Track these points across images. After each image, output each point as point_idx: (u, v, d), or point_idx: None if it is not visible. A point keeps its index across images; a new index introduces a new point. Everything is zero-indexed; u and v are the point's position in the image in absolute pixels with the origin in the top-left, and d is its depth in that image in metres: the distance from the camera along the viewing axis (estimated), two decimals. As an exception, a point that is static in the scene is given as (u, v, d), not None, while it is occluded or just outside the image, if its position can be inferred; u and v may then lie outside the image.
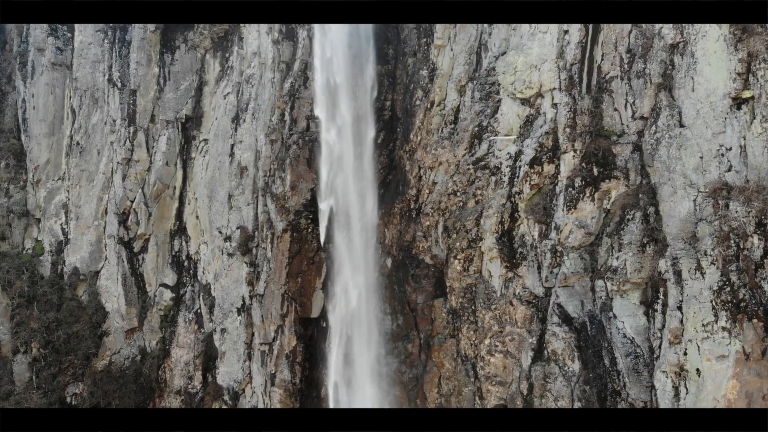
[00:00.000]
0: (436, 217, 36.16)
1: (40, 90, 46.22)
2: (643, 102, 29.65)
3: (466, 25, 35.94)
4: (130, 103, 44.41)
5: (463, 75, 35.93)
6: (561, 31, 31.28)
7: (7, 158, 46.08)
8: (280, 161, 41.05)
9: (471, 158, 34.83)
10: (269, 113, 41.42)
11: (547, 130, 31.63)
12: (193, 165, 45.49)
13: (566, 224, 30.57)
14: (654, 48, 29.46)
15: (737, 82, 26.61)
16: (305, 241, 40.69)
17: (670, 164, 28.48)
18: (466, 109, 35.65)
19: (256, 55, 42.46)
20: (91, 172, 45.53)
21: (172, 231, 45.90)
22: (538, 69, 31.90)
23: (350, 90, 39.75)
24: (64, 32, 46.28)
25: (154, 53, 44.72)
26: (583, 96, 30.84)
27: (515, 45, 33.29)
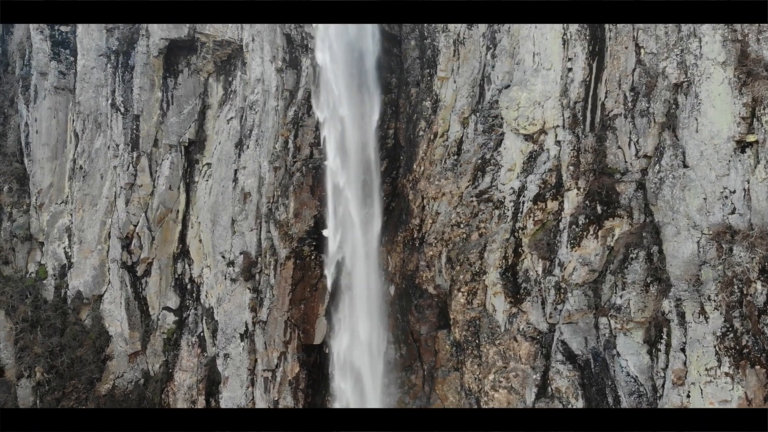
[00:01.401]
0: (440, 248, 36.28)
1: (42, 114, 46.23)
2: (646, 141, 29.79)
3: (469, 57, 36.05)
4: (133, 129, 44.45)
5: (466, 107, 36.03)
6: (565, 69, 31.40)
7: (10, 182, 46.07)
8: (283, 188, 41.16)
9: (474, 190, 34.95)
10: (273, 140, 41.50)
11: (551, 167, 31.76)
12: (196, 189, 45.53)
13: (570, 261, 30.72)
14: (658, 87, 29.58)
15: (741, 126, 26.77)
16: (308, 268, 40.83)
17: (674, 204, 28.63)
18: (469, 141, 35.76)
19: (260, 82, 42.52)
20: (95, 197, 45.56)
21: (175, 254, 45.94)
22: (541, 106, 32.01)
23: (353, 118, 39.82)
24: (67, 56, 46.25)
25: (157, 78, 44.72)
26: (586, 134, 30.96)
27: (518, 80, 33.39)
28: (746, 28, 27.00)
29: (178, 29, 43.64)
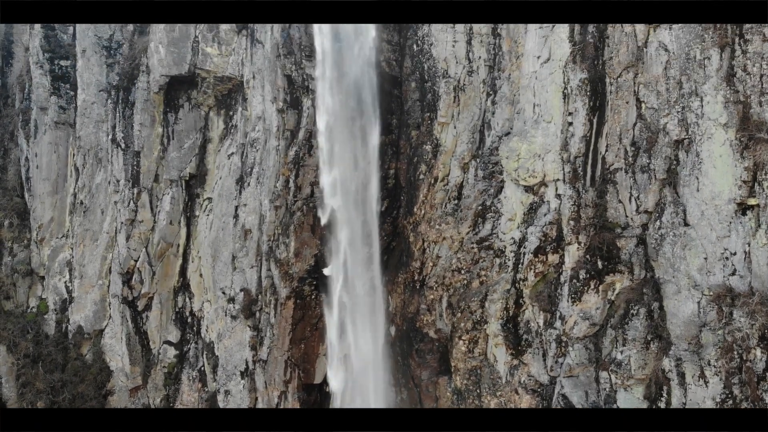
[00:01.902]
0: (440, 292, 36.33)
1: (43, 149, 46.26)
2: (647, 197, 29.79)
3: (469, 103, 36.10)
4: (133, 165, 44.46)
5: (466, 153, 36.06)
6: (565, 122, 31.39)
7: (10, 217, 46.14)
8: (284, 227, 41.16)
9: (475, 237, 34.97)
10: (274, 179, 41.49)
11: (551, 220, 31.78)
12: (197, 223, 45.58)
13: (571, 316, 30.77)
14: (659, 143, 29.57)
15: (743, 189, 26.78)
16: (309, 307, 40.92)
17: (675, 262, 28.66)
18: (470, 186, 35.79)
19: (261, 120, 42.49)
20: (95, 232, 45.61)
21: (175, 288, 46.04)
22: (541, 158, 32.01)
23: (353, 158, 39.81)
24: (67, 90, 46.27)
25: (157, 113, 44.71)
26: (587, 189, 30.97)
27: (519, 130, 33.39)
28: (748, 89, 26.94)
29: (178, 66, 43.65)
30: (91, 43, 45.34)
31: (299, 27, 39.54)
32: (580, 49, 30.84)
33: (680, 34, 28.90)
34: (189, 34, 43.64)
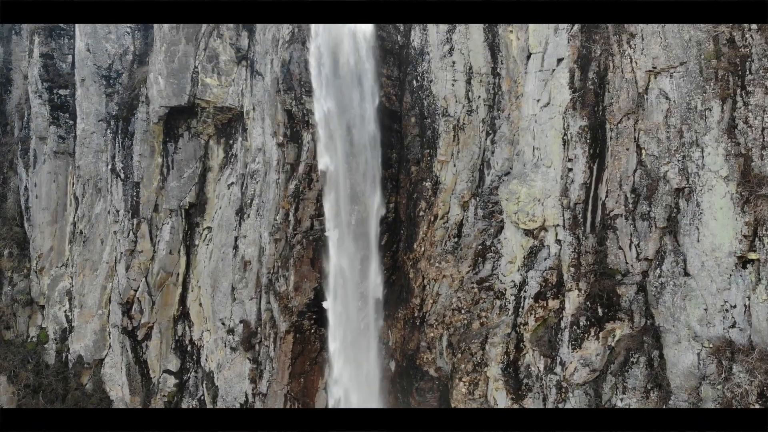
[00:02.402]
0: (441, 330, 36.30)
1: (42, 179, 46.20)
2: (647, 245, 29.74)
3: (468, 142, 36.02)
4: (133, 195, 44.40)
5: (466, 191, 36.01)
6: (565, 168, 31.29)
7: (10, 247, 46.13)
8: (283, 260, 41.09)
9: (475, 276, 34.93)
10: (274, 212, 41.42)
11: (551, 265, 31.73)
12: (197, 252, 45.57)
13: (571, 362, 30.74)
14: (659, 191, 29.50)
15: (743, 243, 26.73)
16: (308, 341, 40.87)
17: (675, 312, 28.63)
18: (470, 224, 35.74)
19: (261, 152, 42.42)
20: (95, 261, 45.60)
21: (175, 316, 46.05)
22: (541, 203, 31.93)
23: (353, 192, 39.74)
24: (66, 120, 46.19)
25: (157, 144, 44.65)
26: (587, 235, 30.90)
27: (518, 172, 33.31)
28: (750, 142, 26.85)
29: (178, 97, 43.59)
30: (91, 72, 45.25)
31: (299, 63, 39.42)
32: (581, 95, 30.71)
33: (681, 82, 28.81)
34: (188, 65, 43.58)
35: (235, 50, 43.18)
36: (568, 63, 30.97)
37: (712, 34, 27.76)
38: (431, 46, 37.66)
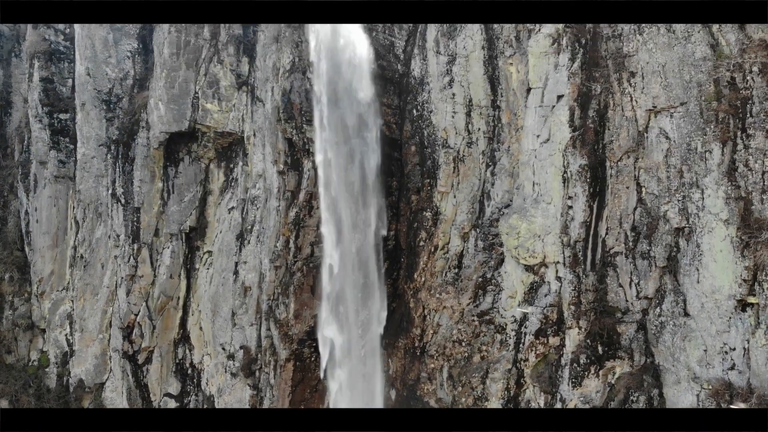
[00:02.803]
0: (441, 361, 36.39)
1: (43, 203, 46.22)
2: (647, 284, 29.82)
3: (469, 174, 36.12)
4: (134, 221, 44.41)
5: (466, 223, 36.07)
6: (565, 206, 31.35)
7: (11, 271, 46.16)
8: (284, 287, 41.16)
9: (476, 309, 35.02)
10: (274, 239, 41.45)
11: (552, 302, 31.79)
12: (197, 276, 45.59)
13: (571, 399, 30.85)
14: (659, 230, 29.56)
15: (743, 287, 26.80)
16: (308, 369, 40.96)
17: (675, 352, 28.72)
18: (470, 256, 35.82)
19: (261, 178, 42.45)
20: (95, 286, 45.62)
21: (175, 340, 46.07)
22: (541, 240, 31.99)
23: (353, 220, 39.81)
24: (66, 144, 46.20)
25: (157, 169, 44.62)
26: (587, 273, 30.97)
27: (518, 207, 33.35)
28: (750, 185, 26.89)
29: (178, 123, 43.57)
30: (91, 96, 45.21)
31: (300, 92, 39.48)
32: (581, 134, 30.75)
33: (681, 123, 28.85)
34: (189, 90, 43.58)
35: (236, 76, 43.18)
36: (568, 101, 30.99)
37: (712, 76, 27.78)
38: (431, 76, 37.69)
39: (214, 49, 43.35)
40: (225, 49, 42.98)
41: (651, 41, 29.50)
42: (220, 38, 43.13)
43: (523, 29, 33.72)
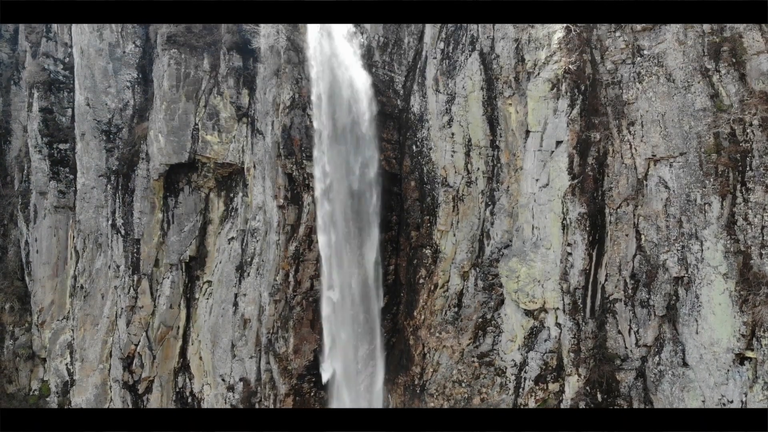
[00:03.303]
0: (441, 401, 36.44)
1: (43, 233, 46.24)
2: (647, 332, 29.84)
3: (468, 213, 36.13)
4: (133, 252, 44.43)
5: (466, 262, 36.09)
6: (564, 252, 31.35)
7: (11, 301, 46.19)
8: (283, 320, 41.21)
9: (476, 350, 35.05)
10: (274, 273, 41.48)
11: (551, 348, 31.82)
12: (197, 306, 45.60)
13: (569, 446, 30.83)
14: (658, 279, 29.57)
15: (741, 341, 26.80)
16: (308, 404, 40.98)
17: (673, 401, 28.77)
18: (470, 295, 35.83)
19: (261, 210, 42.44)
20: (96, 316, 45.64)
21: (176, 369, 46.11)
22: (541, 285, 32.01)
23: (353, 255, 39.86)
24: (66, 174, 46.20)
25: (157, 200, 44.64)
26: (587, 320, 30.98)
27: (518, 250, 33.36)
28: (749, 239, 26.88)
29: (178, 154, 43.60)
30: (90, 127, 45.20)
31: (300, 128, 39.52)
32: (580, 182, 30.73)
33: (680, 173, 28.84)
34: (189, 122, 43.59)
35: (236, 108, 43.18)
36: (567, 147, 30.99)
37: (712, 128, 27.75)
38: (430, 114, 37.68)
39: (214, 80, 43.36)
40: (225, 81, 42.98)
41: (650, 90, 29.48)
42: (220, 70, 43.14)
43: (522, 71, 33.70)
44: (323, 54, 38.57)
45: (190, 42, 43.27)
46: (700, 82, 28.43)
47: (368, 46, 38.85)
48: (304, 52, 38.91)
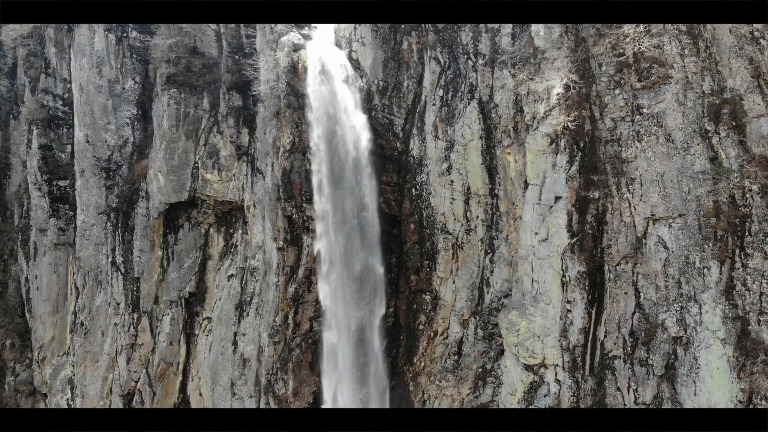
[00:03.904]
0: (440, 447, 36.43)
1: (43, 270, 46.32)
2: (645, 390, 29.86)
3: (468, 261, 36.16)
4: (133, 290, 44.53)
5: (466, 310, 36.15)
6: (564, 309, 31.39)
7: (12, 338, 46.32)
8: (282, 362, 41.29)
9: (476, 401, 35.14)
10: (273, 314, 41.54)
11: (551, 404, 31.86)
12: (197, 342, 45.68)
13: (569, 503, 30.90)
14: (657, 338, 29.61)
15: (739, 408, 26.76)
16: (309, 445, 41.01)
17: (672, 462, 28.74)
18: (470, 344, 35.89)
19: (261, 250, 42.48)
20: (96, 353, 45.76)
21: (176, 404, 46.24)
22: (541, 341, 32.05)
23: (352, 297, 39.88)
24: (66, 211, 46.25)
25: (157, 237, 44.69)
26: (586, 378, 31.03)
27: (518, 303, 33.40)
28: (747, 305, 26.90)
29: (178, 193, 43.68)
30: (90, 164, 45.24)
31: (300, 172, 39.54)
32: (579, 240, 30.74)
33: (679, 234, 28.84)
34: (188, 161, 43.64)
35: (236, 147, 43.20)
36: (566, 204, 30.99)
37: (711, 192, 27.73)
38: (430, 159, 37.68)
39: (214, 119, 43.39)
40: (225, 120, 43.01)
41: (650, 149, 29.46)
42: (220, 109, 43.17)
43: (520, 121, 33.68)
44: (323, 98, 38.56)
45: (190, 81, 43.29)
46: (699, 144, 28.40)
47: (368, 90, 38.82)
48: (304, 97, 38.90)
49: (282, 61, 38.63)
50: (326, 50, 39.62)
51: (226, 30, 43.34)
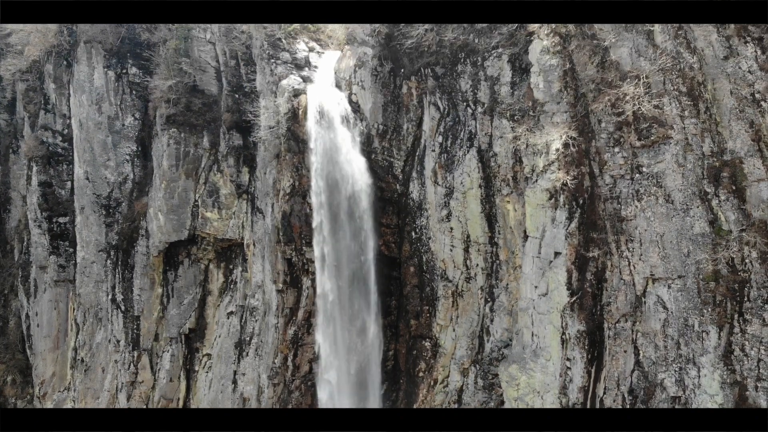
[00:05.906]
0: (439, 494, 36.49)
1: (43, 307, 46.44)
2: (644, 450, 29.79)
3: (468, 309, 36.14)
4: (133, 328, 44.67)
5: (466, 359, 36.15)
6: (564, 366, 31.35)
7: (13, 374, 46.45)
8: (282, 404, 41.40)
9: (474, 449, 35.06)
10: (272, 355, 41.63)
11: (550, 459, 31.82)
12: (197, 378, 45.81)
13: None
14: (656, 398, 29.55)
15: (739, 411, 26.77)
16: (308, 487, 41.08)
17: None
18: (470, 393, 35.90)
19: (260, 289, 42.58)
20: (96, 390, 45.94)
21: (176, 439, 46.34)
22: (541, 397, 32.04)
23: (352, 342, 39.96)
24: (66, 248, 46.37)
25: (157, 275, 44.80)
26: (585, 436, 30.97)
27: (518, 356, 33.38)
28: (745, 371, 26.86)
29: (178, 232, 43.85)
30: (90, 201, 45.31)
31: (299, 216, 39.56)
32: (578, 298, 30.72)
33: (679, 296, 28.76)
34: (188, 199, 43.72)
35: (236, 186, 43.27)
36: (565, 261, 30.95)
37: (711, 257, 27.68)
38: (429, 203, 37.65)
39: (214, 158, 43.44)
40: (225, 159, 43.06)
41: (649, 209, 29.38)
42: (220, 148, 43.20)
43: (520, 171, 33.63)
44: (323, 143, 38.55)
45: (190, 120, 43.35)
46: (699, 206, 28.30)
47: (368, 134, 38.80)
48: (304, 142, 38.90)
49: (282, 107, 38.63)
50: (327, 93, 39.58)
51: (226, 68, 43.34)
